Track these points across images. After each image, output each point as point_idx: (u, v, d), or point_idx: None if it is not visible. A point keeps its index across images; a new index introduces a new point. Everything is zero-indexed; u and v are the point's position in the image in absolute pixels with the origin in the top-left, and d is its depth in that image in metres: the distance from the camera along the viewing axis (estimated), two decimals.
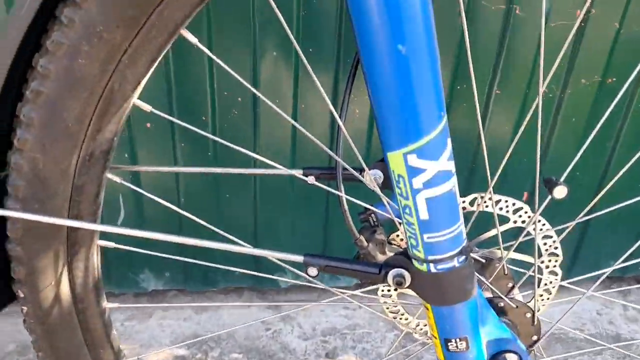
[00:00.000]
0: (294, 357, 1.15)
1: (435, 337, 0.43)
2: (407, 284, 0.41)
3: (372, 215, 0.56)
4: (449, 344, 0.43)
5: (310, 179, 0.58)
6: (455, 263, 0.39)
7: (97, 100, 0.43)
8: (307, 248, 1.23)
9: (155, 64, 0.44)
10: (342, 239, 1.21)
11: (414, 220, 0.37)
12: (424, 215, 0.36)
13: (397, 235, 0.58)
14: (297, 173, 0.58)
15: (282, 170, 0.57)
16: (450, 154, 0.36)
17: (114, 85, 0.43)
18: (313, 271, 0.42)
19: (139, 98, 0.46)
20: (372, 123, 1.06)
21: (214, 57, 0.45)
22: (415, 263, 0.40)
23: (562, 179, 0.51)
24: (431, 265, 0.39)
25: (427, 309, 0.43)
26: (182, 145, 1.04)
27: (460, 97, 1.05)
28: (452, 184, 0.36)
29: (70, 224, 0.47)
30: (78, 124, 0.44)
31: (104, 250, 0.54)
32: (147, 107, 0.46)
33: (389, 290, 0.60)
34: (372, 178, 0.54)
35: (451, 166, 0.36)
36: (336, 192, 0.53)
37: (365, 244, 0.54)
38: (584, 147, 0.52)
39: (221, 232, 0.57)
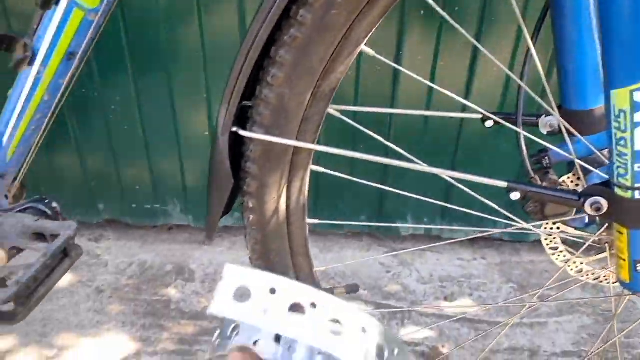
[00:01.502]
0: (414, 297, 1.25)
1: (624, 260, 0.49)
2: (604, 210, 0.47)
3: (546, 157, 0.62)
4: (638, 264, 0.48)
5: (489, 123, 0.65)
6: None
7: (337, 44, 0.52)
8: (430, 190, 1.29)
9: (383, 17, 0.52)
10: None
11: (629, 150, 0.42)
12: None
13: (568, 178, 0.63)
14: (477, 116, 0.64)
15: (463, 114, 0.64)
16: None
17: (351, 32, 0.52)
18: (516, 195, 0.49)
19: None
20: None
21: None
22: (618, 191, 0.46)
23: None
24: (636, 192, 0.44)
25: (621, 233, 0.49)
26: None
27: None
28: None
29: (303, 146, 0.57)
30: (319, 64, 0.53)
31: None
32: (371, 52, 0.55)
33: (551, 228, 0.66)
34: (563, 121, 0.60)
35: None
36: (516, 128, 0.59)
37: (540, 182, 0.61)
38: None
39: (413, 159, 0.65)
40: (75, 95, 1.16)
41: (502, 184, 0.50)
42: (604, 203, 0.47)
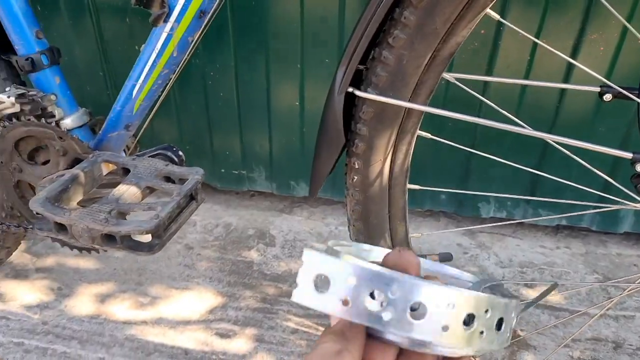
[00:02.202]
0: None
1: None
2: None
3: None
4: None
5: (607, 97, 0.63)
6: None
7: (463, 6, 0.52)
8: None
9: None
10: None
11: None
12: None
13: None
14: (595, 89, 0.63)
15: (579, 86, 0.62)
16: None
17: None
18: None
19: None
20: None
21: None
22: None
23: None
24: None
25: None
26: None
27: None
28: None
29: (417, 108, 0.58)
30: (442, 26, 0.54)
31: None
32: (496, 16, 0.54)
33: None
34: None
35: None
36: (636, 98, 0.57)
37: None
38: None
39: (524, 124, 0.65)
40: None
41: (627, 154, 0.49)
42: None
